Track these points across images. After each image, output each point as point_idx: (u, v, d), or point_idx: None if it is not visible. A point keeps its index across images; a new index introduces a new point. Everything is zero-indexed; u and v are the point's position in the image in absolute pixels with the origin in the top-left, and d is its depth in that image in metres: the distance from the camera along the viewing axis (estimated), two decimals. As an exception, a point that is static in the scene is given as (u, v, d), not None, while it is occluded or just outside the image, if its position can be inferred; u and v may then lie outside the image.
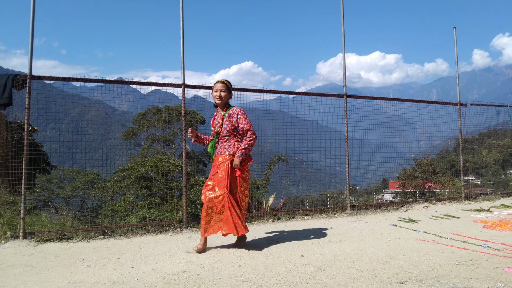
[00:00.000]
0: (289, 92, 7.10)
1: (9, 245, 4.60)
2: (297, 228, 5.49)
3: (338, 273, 3.19)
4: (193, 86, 6.10)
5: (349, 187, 7.14)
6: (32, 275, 3.39)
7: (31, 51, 5.13)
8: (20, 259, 4.01)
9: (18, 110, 6.85)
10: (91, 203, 16.83)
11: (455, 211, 6.92)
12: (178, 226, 5.63)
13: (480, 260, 3.44)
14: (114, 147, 7.43)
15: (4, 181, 6.55)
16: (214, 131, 4.18)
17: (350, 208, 6.96)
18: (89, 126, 7.41)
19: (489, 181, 20.31)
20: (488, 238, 4.43)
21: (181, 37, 5.90)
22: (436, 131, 9.89)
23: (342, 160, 7.17)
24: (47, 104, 5.88)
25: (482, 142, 30.46)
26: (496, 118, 10.33)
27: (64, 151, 10.24)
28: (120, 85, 5.83)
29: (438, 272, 3.14)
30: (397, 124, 9.67)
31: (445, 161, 15.64)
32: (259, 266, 3.46)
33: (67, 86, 5.69)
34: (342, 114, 7.07)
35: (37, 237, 4.87)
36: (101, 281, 3.15)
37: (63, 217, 6.62)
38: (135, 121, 21.85)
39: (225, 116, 4.07)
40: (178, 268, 3.45)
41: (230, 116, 4.03)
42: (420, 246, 4.13)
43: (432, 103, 9.17)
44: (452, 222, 5.73)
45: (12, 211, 5.68)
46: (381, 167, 9.39)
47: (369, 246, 4.15)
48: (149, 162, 12.65)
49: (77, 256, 4.06)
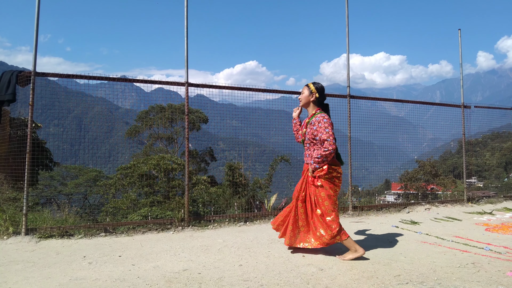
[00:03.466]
0: (292, 92, 7.10)
1: (11, 241, 4.62)
2: (299, 228, 5.48)
3: (339, 274, 3.19)
4: (196, 85, 6.10)
5: (351, 188, 7.13)
6: (34, 271, 3.40)
7: (35, 48, 5.15)
8: (22, 255, 4.02)
9: (22, 107, 6.87)
10: (93, 200, 16.86)
11: (457, 213, 6.90)
12: (180, 225, 5.64)
13: (482, 263, 3.43)
14: (117, 145, 7.45)
15: (7, 177, 6.58)
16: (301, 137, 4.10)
17: (352, 209, 6.95)
18: (92, 123, 7.43)
19: (492, 183, 20.24)
20: (490, 241, 4.42)
21: (185, 35, 5.90)
22: (439, 133, 9.85)
23: (344, 161, 7.15)
24: (50, 101, 5.90)
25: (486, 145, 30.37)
26: (500, 120, 10.29)
27: (67, 148, 10.26)
28: (123, 83, 5.84)
29: (439, 274, 3.13)
30: (400, 126, 9.63)
31: (448, 163, 15.60)
32: (260, 265, 3.46)
33: (71, 83, 5.71)
34: (345, 114, 7.06)
35: (39, 233, 4.88)
36: (102, 278, 3.15)
37: (65, 214, 6.64)
38: (138, 119, 21.86)
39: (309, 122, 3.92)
40: (179, 267, 3.46)
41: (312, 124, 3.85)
42: (421, 248, 4.12)
43: (435, 105, 9.13)
44: (454, 225, 5.71)
45: (15, 207, 5.70)
46: (383, 168, 9.37)
47: (370, 247, 4.15)
48: (151, 160, 12.66)
49: (78, 253, 4.07)
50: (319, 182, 3.72)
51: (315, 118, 3.81)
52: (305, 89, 3.97)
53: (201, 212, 8.03)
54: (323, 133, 3.65)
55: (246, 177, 9.50)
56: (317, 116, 3.81)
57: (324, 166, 3.70)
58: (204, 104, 7.38)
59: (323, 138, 3.64)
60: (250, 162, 9.33)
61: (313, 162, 3.69)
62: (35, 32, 5.08)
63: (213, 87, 6.26)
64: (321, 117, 3.76)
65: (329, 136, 3.62)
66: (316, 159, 3.67)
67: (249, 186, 9.37)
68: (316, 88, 3.94)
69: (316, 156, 3.67)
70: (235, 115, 7.11)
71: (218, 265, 3.50)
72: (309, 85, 3.98)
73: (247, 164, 9.38)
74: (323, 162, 3.67)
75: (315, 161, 3.67)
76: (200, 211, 8.19)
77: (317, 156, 3.66)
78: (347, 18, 7.18)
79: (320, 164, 3.67)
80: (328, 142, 3.61)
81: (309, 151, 3.86)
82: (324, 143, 3.64)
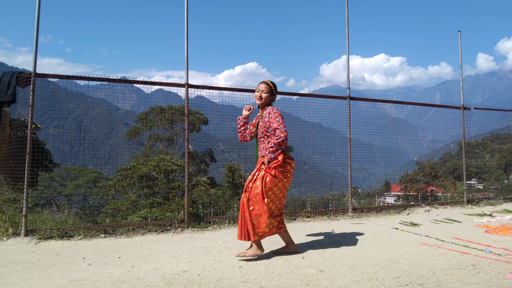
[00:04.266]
0: (292, 94, 7.10)
1: (10, 242, 4.61)
2: (298, 229, 5.48)
3: (338, 275, 3.19)
4: (196, 86, 6.11)
5: (351, 189, 7.13)
6: (33, 272, 3.40)
7: (35, 49, 5.15)
8: (21, 256, 4.02)
9: (21, 108, 6.87)
10: (93, 201, 16.87)
11: (457, 215, 6.89)
12: (180, 226, 5.63)
13: (482, 265, 3.43)
14: (117, 146, 7.46)
15: (6, 178, 6.58)
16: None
17: (351, 210, 6.95)
18: (92, 124, 7.43)
19: (492, 185, 20.25)
20: (490, 243, 4.41)
21: (185, 37, 5.91)
22: (439, 134, 9.86)
23: (344, 163, 7.16)
24: (50, 102, 5.90)
25: (485, 147, 30.39)
26: (500, 122, 10.30)
27: (67, 149, 10.26)
28: (123, 84, 5.84)
29: (439, 276, 3.12)
30: (400, 127, 9.64)
31: (448, 165, 15.62)
32: (259, 267, 3.46)
33: (71, 84, 5.72)
34: (345, 116, 7.06)
35: (38, 234, 4.88)
36: (101, 279, 3.15)
37: (65, 215, 6.64)
38: (138, 120, 21.88)
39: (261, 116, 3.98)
40: (179, 268, 3.45)
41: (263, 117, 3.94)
42: (421, 250, 4.12)
43: (435, 107, 9.14)
44: (454, 227, 5.71)
45: (14, 208, 5.70)
46: (383, 170, 9.37)
47: (370, 249, 4.15)
48: (151, 162, 12.68)
49: (78, 254, 4.07)
50: (273, 172, 3.76)
51: (265, 111, 3.92)
52: (265, 88, 3.99)
53: (201, 214, 8.03)
54: (273, 122, 3.78)
55: (246, 179, 9.50)
56: (267, 108, 3.94)
57: (279, 156, 3.76)
58: (204, 106, 7.38)
59: (274, 126, 3.77)
60: (250, 163, 9.33)
61: (268, 152, 3.74)
62: (35, 33, 5.09)
63: (213, 89, 6.26)
64: (271, 109, 3.89)
65: (280, 124, 3.76)
66: (270, 149, 3.72)
67: (249, 188, 9.36)
68: (275, 88, 4.07)
69: (270, 145, 3.73)
70: (235, 117, 7.10)
71: (218, 266, 3.50)
72: (270, 84, 4.02)
73: (247, 166, 9.38)
74: (277, 150, 3.74)
75: (270, 151, 3.72)
76: (200, 213, 8.19)
77: (271, 145, 3.73)
78: (347, 19, 7.19)
79: (275, 153, 3.73)
80: (279, 130, 3.74)
81: (264, 144, 3.90)
82: (276, 131, 3.76)
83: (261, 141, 3.95)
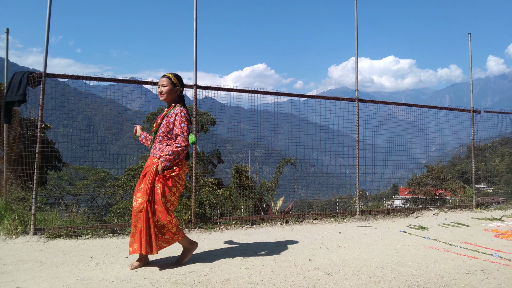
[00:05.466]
0: (300, 95, 7.10)
1: (19, 240, 4.66)
2: (305, 232, 5.47)
3: (345, 278, 3.17)
4: (204, 87, 6.13)
5: (359, 192, 7.09)
6: (42, 270, 3.43)
7: (46, 49, 5.20)
8: (30, 254, 4.06)
9: (32, 107, 6.94)
10: (101, 201, 16.97)
11: (466, 219, 6.83)
12: (187, 226, 5.65)
13: (491, 270, 3.39)
14: (125, 146, 7.49)
15: (16, 177, 6.64)
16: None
17: (359, 213, 6.92)
18: (101, 124, 7.48)
19: (502, 189, 20.03)
20: (499, 248, 4.37)
21: (194, 38, 5.94)
22: (448, 137, 9.78)
23: (352, 165, 7.13)
24: (60, 102, 5.95)
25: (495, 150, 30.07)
26: (510, 126, 10.18)
27: (76, 148, 10.34)
28: (132, 85, 5.88)
29: (447, 280, 3.10)
30: (408, 130, 9.58)
31: (457, 168, 15.48)
32: (266, 269, 3.46)
33: (81, 84, 5.76)
34: (353, 118, 7.04)
35: (47, 233, 4.92)
36: (109, 278, 3.17)
37: (73, 214, 6.69)
38: (147, 121, 21.96)
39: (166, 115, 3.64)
40: (186, 268, 3.46)
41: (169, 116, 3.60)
42: (429, 253, 4.09)
43: (444, 109, 9.08)
44: (463, 231, 5.65)
45: (24, 206, 5.75)
46: (391, 172, 9.32)
47: (377, 252, 4.12)
48: (159, 162, 12.70)
49: (86, 253, 4.09)
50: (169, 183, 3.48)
51: (173, 111, 3.58)
52: (167, 82, 3.63)
53: (207, 214, 8.05)
54: (177, 127, 3.47)
55: (253, 180, 9.50)
56: (176, 108, 3.60)
57: (175, 166, 3.49)
58: (212, 107, 7.40)
59: (177, 132, 3.47)
60: (257, 164, 9.33)
61: (164, 160, 3.40)
62: (46, 34, 5.13)
63: (221, 90, 6.28)
64: (180, 110, 3.55)
65: (183, 131, 3.47)
66: (167, 156, 3.40)
67: (256, 189, 9.37)
68: (179, 81, 3.70)
69: (168, 152, 3.42)
70: (242, 118, 7.12)
71: (224, 267, 3.50)
72: (171, 77, 3.65)
73: (254, 167, 9.38)
74: (175, 160, 3.44)
75: (166, 159, 3.40)
76: (206, 213, 8.21)
77: (169, 152, 3.41)
78: (356, 21, 7.17)
79: (171, 162, 3.43)
80: (181, 137, 3.45)
81: (161, 144, 3.58)
82: (177, 138, 3.46)
83: (159, 140, 3.61)
